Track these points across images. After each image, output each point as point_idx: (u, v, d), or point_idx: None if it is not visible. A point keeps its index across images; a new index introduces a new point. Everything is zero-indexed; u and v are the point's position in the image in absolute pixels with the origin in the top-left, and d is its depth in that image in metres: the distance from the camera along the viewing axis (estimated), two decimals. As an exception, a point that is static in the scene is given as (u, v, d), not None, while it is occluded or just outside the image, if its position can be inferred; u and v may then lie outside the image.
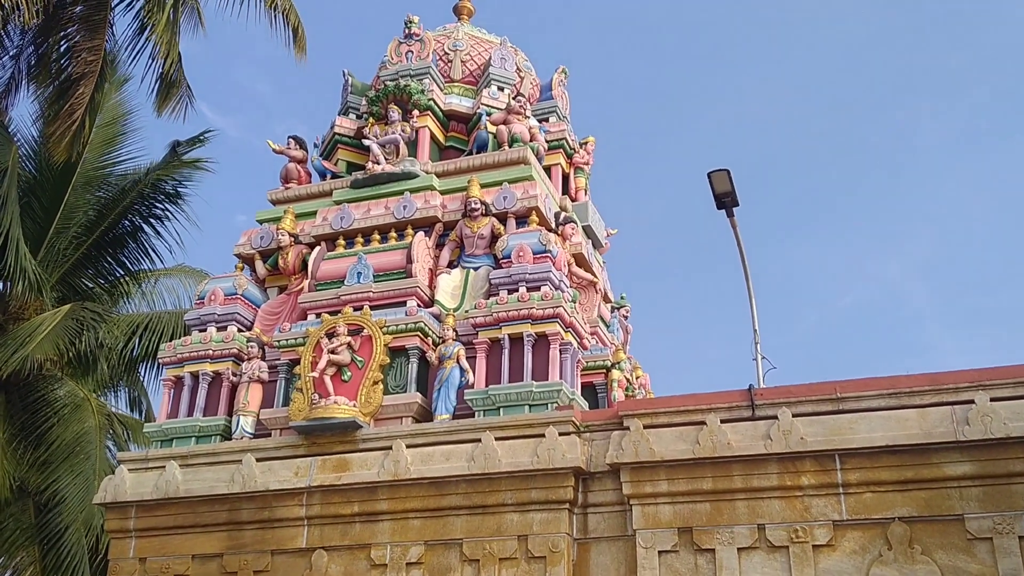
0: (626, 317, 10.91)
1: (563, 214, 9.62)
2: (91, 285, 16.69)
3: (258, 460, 8.17)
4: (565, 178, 10.77)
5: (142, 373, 17.17)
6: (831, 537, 6.70)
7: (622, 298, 11.16)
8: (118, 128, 17.15)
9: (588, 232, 10.24)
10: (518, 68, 10.98)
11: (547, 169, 10.36)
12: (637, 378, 9.77)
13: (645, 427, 7.25)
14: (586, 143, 11.04)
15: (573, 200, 10.50)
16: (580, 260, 9.69)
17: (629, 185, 29.87)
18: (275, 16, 14.98)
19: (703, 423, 7.12)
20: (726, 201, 7.51)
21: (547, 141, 10.41)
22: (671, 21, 34.15)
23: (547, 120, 10.87)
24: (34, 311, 14.84)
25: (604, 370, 9.34)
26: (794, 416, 6.94)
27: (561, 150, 10.68)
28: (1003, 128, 29.41)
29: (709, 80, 33.36)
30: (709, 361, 30.35)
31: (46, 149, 14.61)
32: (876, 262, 31.31)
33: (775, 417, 6.98)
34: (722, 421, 7.09)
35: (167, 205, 16.60)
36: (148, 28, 14.54)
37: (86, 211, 16.16)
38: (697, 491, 7.04)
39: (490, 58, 10.81)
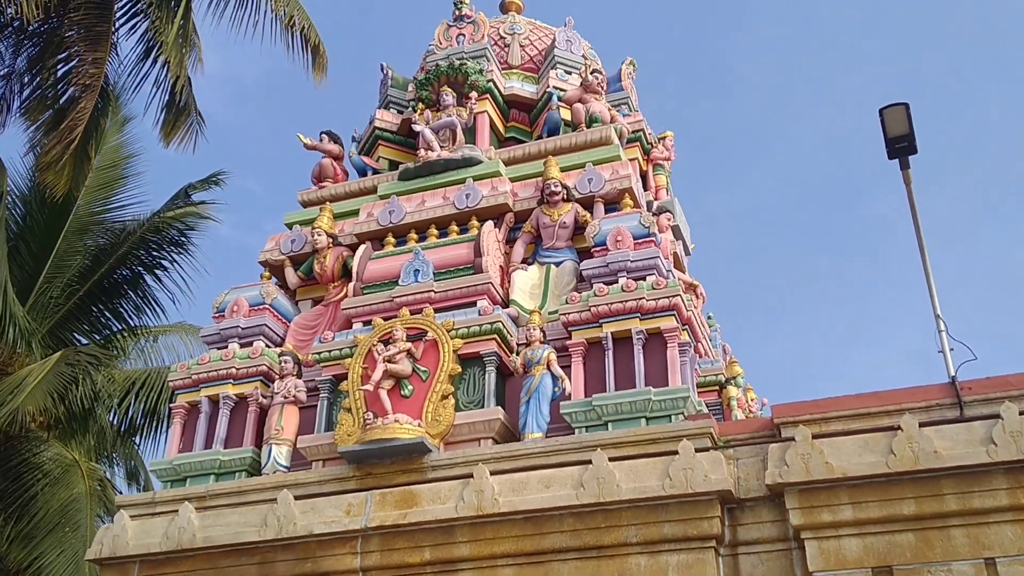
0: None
1: (656, 203, 8.06)
2: (84, 340, 15.00)
3: (297, 498, 6.40)
4: (643, 176, 9.23)
5: (139, 443, 15.47)
6: (1089, 573, 4.94)
7: (710, 318, 9.52)
8: (119, 172, 15.61)
9: (676, 233, 8.66)
10: (584, 55, 9.57)
11: (625, 163, 8.83)
12: (752, 400, 8.05)
13: (814, 437, 5.53)
14: (664, 138, 9.55)
15: (655, 199, 8.95)
16: (674, 261, 8.10)
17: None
18: (293, 36, 13.64)
19: (896, 428, 5.39)
20: (901, 146, 5.93)
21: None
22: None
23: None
24: (20, 364, 13.12)
25: (717, 387, 7.65)
26: (1021, 414, 5.24)
27: (638, 144, 9.18)
28: (986, 216, 28.52)
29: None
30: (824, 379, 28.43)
31: (38, 184, 13.10)
32: (865, 351, 29.66)
33: (996, 416, 5.27)
34: (920, 425, 5.38)
35: (171, 253, 15.04)
36: (155, 48, 13.22)
37: (82, 257, 14.57)
38: (895, 517, 5.28)
39: (554, 40, 9.41)
